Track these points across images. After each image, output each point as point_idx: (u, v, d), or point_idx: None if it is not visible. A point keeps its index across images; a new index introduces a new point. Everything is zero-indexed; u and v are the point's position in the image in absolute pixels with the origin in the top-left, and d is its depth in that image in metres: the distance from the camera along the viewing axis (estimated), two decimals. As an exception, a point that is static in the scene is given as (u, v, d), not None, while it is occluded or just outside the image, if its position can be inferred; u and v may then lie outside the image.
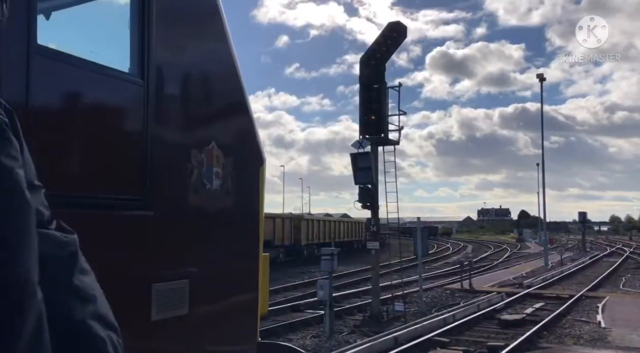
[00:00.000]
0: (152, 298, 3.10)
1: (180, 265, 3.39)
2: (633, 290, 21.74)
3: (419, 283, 17.56)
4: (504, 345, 11.24)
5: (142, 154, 3.07)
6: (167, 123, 3.35)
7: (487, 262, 37.32)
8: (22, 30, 2.46)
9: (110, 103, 3.09)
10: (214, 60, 3.85)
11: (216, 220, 3.78)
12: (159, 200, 3.19)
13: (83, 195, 2.77)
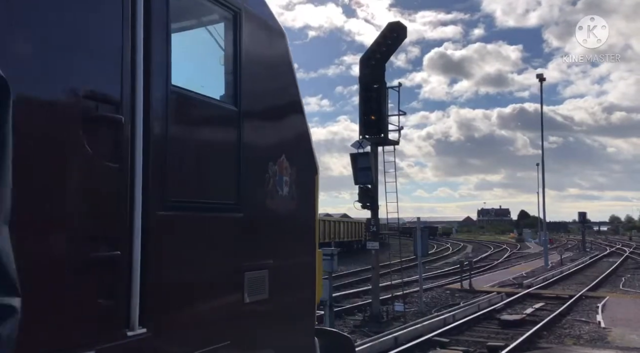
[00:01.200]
0: (244, 285, 3.80)
1: (262, 258, 4.07)
2: (633, 290, 21.74)
3: (419, 283, 17.56)
4: (504, 345, 11.25)
5: (237, 167, 3.79)
6: (253, 141, 4.00)
7: (487, 262, 37.33)
8: (164, 74, 3.14)
9: (218, 127, 3.79)
10: (284, 90, 4.61)
11: (286, 220, 4.47)
12: (246, 204, 3.87)
13: (203, 201, 3.48)
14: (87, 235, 2.65)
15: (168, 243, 3.16)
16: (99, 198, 2.72)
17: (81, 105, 2.59)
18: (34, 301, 2.21)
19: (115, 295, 2.77)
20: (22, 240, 2.10)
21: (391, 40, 15.04)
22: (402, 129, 16.10)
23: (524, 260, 39.32)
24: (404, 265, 23.81)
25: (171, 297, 3.19)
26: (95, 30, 2.73)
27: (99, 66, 2.74)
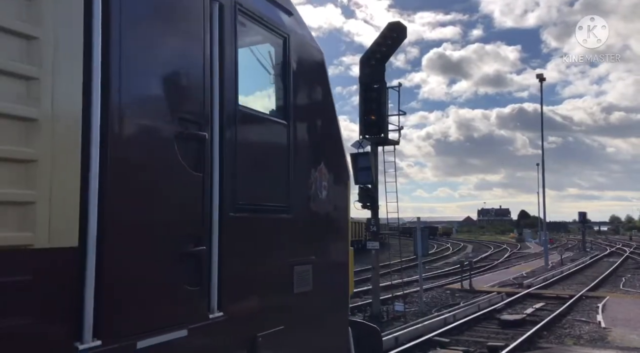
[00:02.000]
0: (294, 277, 4.35)
1: (307, 254, 4.59)
2: (633, 290, 21.72)
3: (419, 283, 17.55)
4: (504, 345, 11.25)
5: (287, 174, 4.31)
6: (300, 151, 4.49)
7: (487, 262, 37.32)
8: (234, 97, 3.73)
9: (273, 140, 4.26)
10: (323, 105, 5.10)
11: (325, 221, 5.00)
12: (294, 206, 4.38)
13: (262, 204, 4.04)
14: (182, 233, 3.22)
15: (237, 240, 3.68)
16: (190, 202, 3.29)
17: (176, 127, 3.19)
18: (148, 288, 2.97)
19: (201, 284, 3.34)
20: (134, 237, 2.86)
21: (391, 40, 15.03)
22: (402, 129, 16.11)
23: (524, 260, 39.30)
24: (404, 265, 23.82)
25: (240, 287, 3.73)
26: (187, 71, 3.35)
27: (188, 95, 3.33)
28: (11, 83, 2.34)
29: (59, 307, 2.51)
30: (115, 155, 2.75)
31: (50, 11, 2.46)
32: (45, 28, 2.44)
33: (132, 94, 2.91)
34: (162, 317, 3.06)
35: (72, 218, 2.55)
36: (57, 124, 2.49)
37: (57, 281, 2.50)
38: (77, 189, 2.56)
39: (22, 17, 2.37)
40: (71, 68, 2.56)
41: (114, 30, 2.78)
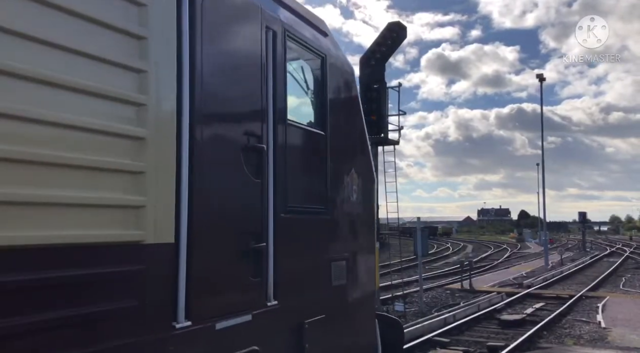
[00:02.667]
0: (332, 272, 4.85)
1: (342, 251, 5.08)
2: (633, 290, 21.72)
3: (419, 283, 17.55)
4: (504, 345, 11.26)
5: (325, 179, 4.80)
6: (335, 159, 4.99)
7: (487, 262, 37.32)
8: (284, 114, 4.23)
9: (314, 149, 4.76)
10: (354, 116, 5.63)
11: (356, 221, 5.49)
12: (331, 208, 4.90)
13: (305, 206, 4.55)
14: (248, 232, 3.76)
15: (286, 238, 4.14)
16: (253, 204, 3.82)
17: (242, 141, 3.72)
18: (223, 279, 3.52)
19: (261, 276, 3.85)
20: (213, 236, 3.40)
21: (391, 40, 15.02)
22: (402, 129, 16.12)
23: (524, 260, 39.30)
24: (404, 265, 23.82)
25: (290, 279, 4.19)
26: (250, 92, 3.87)
27: (250, 113, 3.86)
28: (126, 109, 2.86)
29: (162, 292, 3.04)
30: (199, 169, 3.28)
31: (154, 52, 3.02)
32: (150, 65, 2.99)
33: (211, 118, 3.46)
34: (233, 304, 3.61)
35: (170, 219, 3.09)
36: (159, 143, 3.02)
37: (161, 270, 3.04)
38: (173, 196, 3.11)
39: (136, 56, 2.94)
40: (168, 98, 3.12)
41: (198, 69, 3.32)
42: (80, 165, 2.61)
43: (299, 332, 4.28)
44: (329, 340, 4.72)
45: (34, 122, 2.42)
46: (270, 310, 3.91)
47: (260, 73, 3.96)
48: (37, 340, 2.40)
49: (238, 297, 3.66)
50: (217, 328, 3.41)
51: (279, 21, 4.29)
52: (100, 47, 2.73)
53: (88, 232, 2.62)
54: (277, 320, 4.00)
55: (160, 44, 3.08)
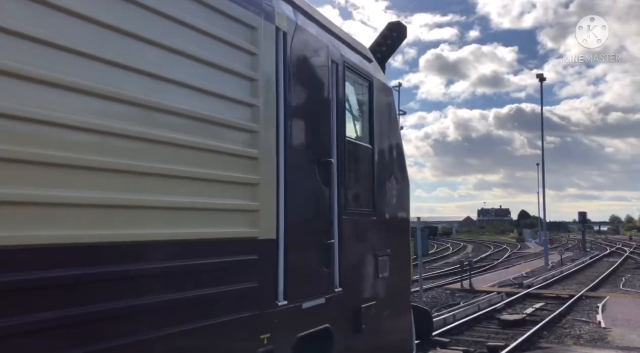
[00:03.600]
0: (378, 265, 5.62)
1: (385, 247, 5.83)
2: (633, 290, 21.72)
3: (419, 283, 17.55)
4: (504, 345, 11.25)
5: (372, 185, 5.61)
6: (379, 168, 5.80)
7: (487, 261, 37.32)
8: (343, 132, 5.04)
9: (364, 161, 5.55)
10: (393, 130, 6.43)
11: (395, 221, 6.29)
12: (377, 210, 5.67)
13: (359, 209, 5.32)
14: (322, 230, 4.59)
15: (346, 236, 4.90)
16: (325, 207, 4.64)
17: (318, 155, 4.56)
18: (307, 269, 4.37)
19: (329, 266, 4.65)
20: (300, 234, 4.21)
21: (391, 40, 15.01)
22: (401, 129, 16.11)
23: (524, 260, 39.30)
24: (404, 265, 23.73)
25: (349, 270, 4.96)
26: (321, 116, 4.70)
27: (322, 133, 4.70)
28: (245, 135, 3.70)
29: (269, 277, 3.85)
30: (291, 181, 4.08)
31: (262, 90, 3.87)
32: (260, 101, 3.82)
33: (297, 140, 4.28)
34: (313, 289, 4.41)
35: (272, 219, 3.91)
36: (266, 161, 3.84)
37: (268, 260, 3.84)
38: (274, 201, 3.93)
39: (250, 94, 3.77)
40: (271, 126, 3.94)
41: (288, 101, 4.13)
42: (218, 180, 3.43)
43: (357, 315, 5.08)
44: (378, 323, 5.52)
45: (196, 149, 3.26)
46: (337, 295, 4.73)
47: (328, 99, 4.81)
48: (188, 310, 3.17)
49: (316, 284, 4.50)
50: (304, 308, 4.24)
51: (339, 55, 5.11)
52: (228, 89, 3.57)
53: (224, 229, 3.47)
54: (342, 303, 4.82)
55: (266, 83, 3.92)
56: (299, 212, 4.24)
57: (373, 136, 5.72)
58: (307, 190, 4.42)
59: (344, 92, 5.15)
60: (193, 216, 3.23)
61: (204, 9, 3.38)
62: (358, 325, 5.06)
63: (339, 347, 4.65)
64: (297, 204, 4.19)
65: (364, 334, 5.12)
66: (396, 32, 7.69)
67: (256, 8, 3.86)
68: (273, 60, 4.01)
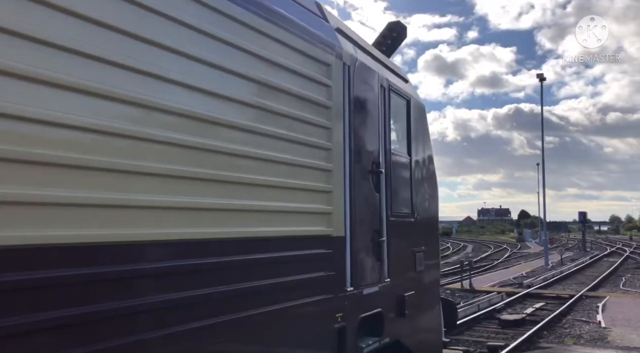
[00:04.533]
0: (416, 260, 6.43)
1: (421, 245, 6.64)
2: (633, 290, 21.72)
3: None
4: (504, 345, 11.24)
5: (411, 191, 6.45)
6: (416, 176, 6.66)
7: (487, 261, 37.33)
8: (389, 146, 5.84)
9: (404, 170, 6.34)
10: (426, 142, 7.23)
11: (427, 222, 7.09)
12: (415, 213, 6.52)
13: (401, 212, 6.08)
14: (376, 229, 5.41)
15: (392, 235, 5.68)
16: (377, 210, 5.46)
17: (371, 166, 5.38)
18: (366, 261, 5.17)
19: (380, 260, 5.47)
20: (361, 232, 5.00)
21: (391, 39, 15.00)
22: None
23: (524, 259, 39.32)
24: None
25: (395, 264, 5.74)
26: (375, 133, 5.53)
27: (375, 148, 5.51)
28: (323, 152, 4.51)
29: (340, 267, 4.67)
30: (353, 188, 4.89)
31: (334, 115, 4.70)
32: (333, 124, 4.64)
33: (358, 154, 5.07)
34: (370, 278, 5.24)
35: (342, 220, 4.71)
36: (337, 172, 4.68)
37: (339, 253, 4.66)
38: (342, 205, 4.74)
39: (326, 119, 4.58)
40: (340, 144, 4.78)
41: (351, 123, 4.97)
42: (305, 188, 4.25)
43: (402, 302, 5.87)
44: (417, 310, 6.33)
45: (289, 164, 4.04)
46: (386, 285, 5.53)
47: (378, 118, 5.63)
48: (285, 293, 3.94)
49: (372, 274, 5.31)
50: (364, 294, 5.06)
51: (385, 79, 5.94)
52: (311, 116, 4.38)
53: (309, 228, 4.33)
54: (390, 292, 5.61)
55: (336, 109, 4.72)
56: (360, 214, 5.04)
57: (410, 148, 6.56)
58: (364, 196, 5.21)
59: (390, 111, 5.97)
60: (286, 217, 4.06)
61: (294, 52, 4.23)
62: (402, 311, 5.86)
63: (388, 329, 5.46)
64: (358, 207, 5.00)
65: (406, 319, 5.95)
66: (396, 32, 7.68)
67: (330, 49, 4.74)
68: (341, 89, 4.86)
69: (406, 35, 8.24)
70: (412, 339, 6.13)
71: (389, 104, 5.94)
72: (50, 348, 2.38)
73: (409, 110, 6.59)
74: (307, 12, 4.70)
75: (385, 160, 5.69)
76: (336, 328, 4.52)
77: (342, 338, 4.58)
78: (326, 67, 4.62)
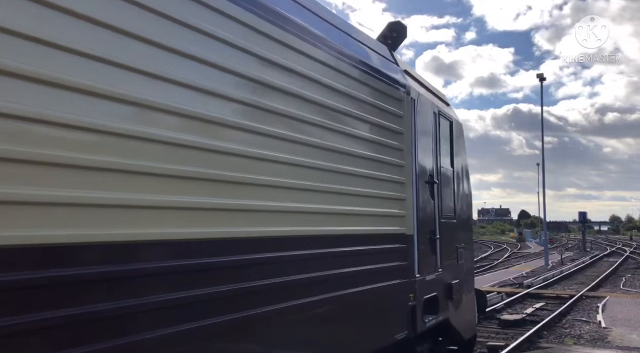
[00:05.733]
0: (458, 254, 7.76)
1: (461, 242, 7.98)
2: (633, 290, 21.71)
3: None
4: (504, 345, 11.23)
5: (454, 197, 7.70)
6: (457, 184, 7.94)
7: (487, 261, 37.29)
8: (439, 162, 7.12)
9: (450, 180, 7.62)
10: (463, 155, 8.53)
11: (465, 223, 8.45)
12: (456, 215, 7.78)
13: (447, 214, 7.31)
14: (432, 229, 6.68)
15: (443, 234, 6.96)
16: (433, 213, 6.75)
17: (429, 178, 6.63)
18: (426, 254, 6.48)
19: (435, 254, 6.74)
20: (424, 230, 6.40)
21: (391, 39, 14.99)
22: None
23: (524, 259, 39.29)
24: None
25: (445, 257, 7.05)
26: (431, 152, 6.86)
27: (431, 164, 6.81)
28: (398, 169, 5.81)
29: (410, 259, 5.98)
30: (418, 196, 6.25)
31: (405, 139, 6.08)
32: (405, 146, 6.00)
33: (420, 170, 6.39)
34: (429, 268, 6.53)
35: (411, 221, 6.05)
36: (408, 184, 5.99)
37: (410, 248, 5.99)
38: (411, 209, 6.09)
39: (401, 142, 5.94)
40: (408, 160, 6.09)
41: (416, 145, 6.34)
42: (388, 197, 5.56)
43: (450, 288, 7.13)
44: (459, 295, 7.63)
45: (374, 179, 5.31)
46: (439, 274, 6.80)
47: (433, 139, 6.99)
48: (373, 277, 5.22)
49: (430, 265, 6.57)
50: (426, 280, 6.34)
51: (437, 106, 7.28)
52: (390, 140, 5.68)
53: (392, 228, 5.65)
54: (441, 280, 6.89)
55: (407, 135, 6.06)
56: (422, 217, 6.32)
57: (453, 161, 7.79)
58: (424, 202, 6.49)
59: (439, 132, 7.22)
60: (375, 219, 5.33)
61: (380, 93, 5.57)
62: (450, 295, 7.14)
63: (441, 309, 6.79)
64: (421, 212, 6.30)
65: (453, 302, 7.24)
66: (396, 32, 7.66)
67: (403, 88, 6.14)
68: (409, 119, 6.20)
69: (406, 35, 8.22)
70: (457, 319, 7.47)
71: (439, 125, 7.23)
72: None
73: (452, 129, 7.82)
74: (386, 60, 6.17)
75: (438, 172, 6.98)
76: (410, 306, 5.89)
77: (414, 313, 5.94)
78: (400, 102, 5.99)
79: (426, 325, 6.20)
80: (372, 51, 5.82)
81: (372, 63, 5.54)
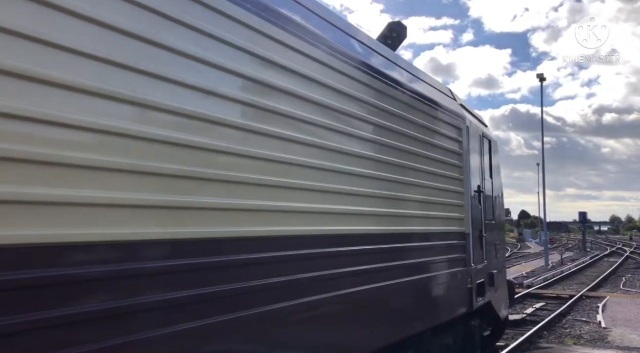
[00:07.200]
0: (496, 249, 9.32)
1: (497, 240, 9.55)
2: (633, 290, 21.70)
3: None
4: (504, 345, 11.23)
5: (493, 205, 9.34)
6: (495, 191, 9.46)
7: (487, 261, 37.22)
8: (480, 179, 8.61)
9: (489, 190, 9.04)
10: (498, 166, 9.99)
11: (500, 223, 9.91)
12: (494, 219, 9.29)
13: (489, 218, 8.80)
14: (480, 229, 8.20)
15: (486, 232, 8.40)
16: (480, 216, 8.28)
17: (477, 188, 8.22)
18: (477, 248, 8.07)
19: (482, 248, 8.25)
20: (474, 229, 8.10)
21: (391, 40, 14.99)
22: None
23: (524, 259, 39.28)
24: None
25: (488, 252, 8.54)
26: (478, 167, 8.53)
27: (479, 176, 8.41)
28: (460, 181, 7.50)
29: (468, 251, 7.55)
30: (469, 202, 7.72)
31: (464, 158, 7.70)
32: (463, 163, 7.62)
33: (472, 180, 7.89)
34: (479, 260, 8.00)
35: (468, 222, 7.62)
36: (465, 193, 7.58)
37: (467, 243, 7.57)
38: (467, 212, 7.64)
39: (460, 160, 7.56)
40: (463, 175, 7.58)
41: (468, 163, 7.83)
42: (455, 204, 7.24)
43: (491, 277, 8.55)
44: (497, 283, 9.04)
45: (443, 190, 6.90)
46: (485, 264, 8.29)
47: (479, 156, 8.50)
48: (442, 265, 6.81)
49: (479, 257, 8.02)
50: (478, 268, 7.87)
51: (481, 129, 8.83)
52: (453, 159, 7.25)
53: (456, 228, 7.24)
54: (486, 269, 8.35)
55: (464, 155, 7.59)
56: (473, 218, 7.83)
57: (492, 173, 9.26)
58: (474, 207, 7.96)
59: (483, 150, 8.77)
60: (446, 221, 6.93)
61: (449, 125, 7.28)
62: (492, 283, 8.59)
63: (487, 293, 8.27)
64: (473, 215, 7.81)
65: (493, 288, 8.69)
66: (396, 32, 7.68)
67: (461, 119, 7.74)
68: (465, 143, 7.73)
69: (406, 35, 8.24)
70: (496, 303, 9.05)
71: (483, 144, 8.78)
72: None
73: (490, 147, 9.34)
74: (447, 97, 7.73)
75: (482, 183, 8.47)
76: (468, 288, 7.44)
77: (470, 294, 7.52)
78: (459, 130, 7.59)
79: (478, 304, 7.81)
80: (438, 91, 7.38)
81: (440, 101, 7.08)
